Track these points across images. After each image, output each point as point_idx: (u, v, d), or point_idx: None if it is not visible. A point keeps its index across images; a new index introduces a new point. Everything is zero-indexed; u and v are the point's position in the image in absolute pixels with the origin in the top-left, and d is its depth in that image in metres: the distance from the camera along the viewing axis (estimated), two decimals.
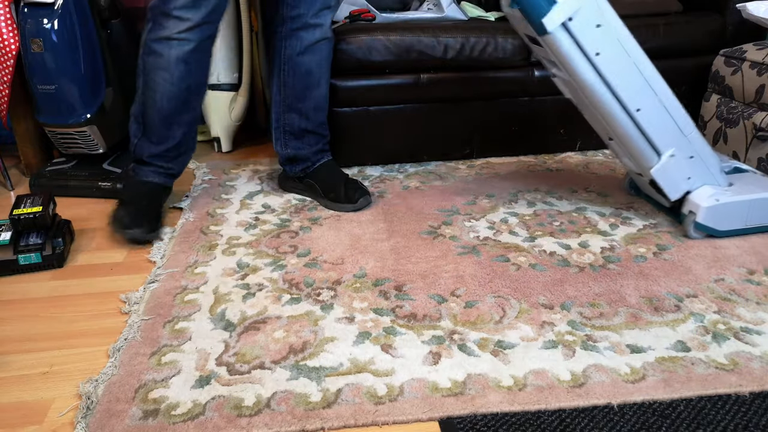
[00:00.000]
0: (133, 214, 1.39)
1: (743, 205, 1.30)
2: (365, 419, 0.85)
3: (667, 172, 1.32)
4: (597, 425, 0.84)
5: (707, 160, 1.32)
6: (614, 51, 1.20)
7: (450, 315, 1.09)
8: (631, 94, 1.24)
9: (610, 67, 1.21)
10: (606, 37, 1.19)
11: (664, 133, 1.29)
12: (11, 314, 1.15)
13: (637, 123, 1.27)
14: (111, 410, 0.88)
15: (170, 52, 1.34)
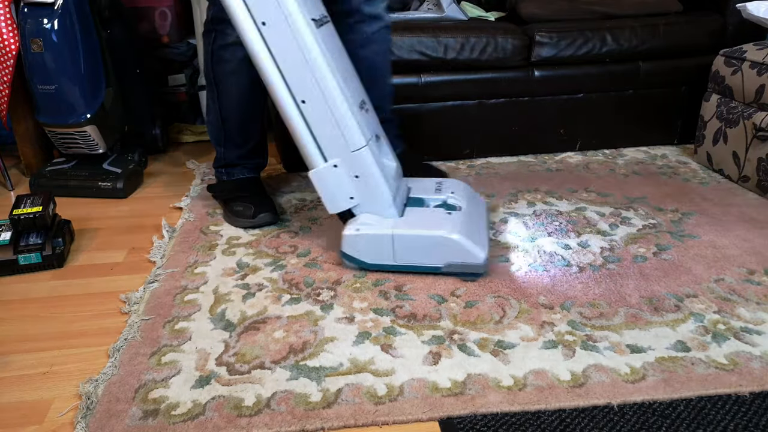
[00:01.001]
0: (252, 204, 1.46)
1: (387, 239, 1.17)
2: (365, 419, 0.85)
3: (326, 181, 1.21)
4: (597, 425, 0.84)
5: (379, 187, 1.19)
6: (281, 29, 1.11)
7: (450, 315, 1.09)
8: (297, 81, 1.14)
9: (277, 44, 1.13)
10: (273, 9, 1.10)
11: (331, 139, 1.18)
12: (11, 314, 1.15)
13: (303, 115, 1.17)
14: (111, 410, 0.88)
15: (235, 56, 1.40)
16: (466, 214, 1.25)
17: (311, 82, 1.14)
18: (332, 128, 1.17)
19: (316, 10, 1.19)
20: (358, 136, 1.18)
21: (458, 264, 1.17)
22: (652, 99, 1.89)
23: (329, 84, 1.14)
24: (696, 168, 1.77)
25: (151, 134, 2.00)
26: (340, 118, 1.16)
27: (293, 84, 1.16)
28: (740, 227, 1.39)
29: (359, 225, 1.21)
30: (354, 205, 1.23)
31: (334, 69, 1.15)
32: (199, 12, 1.99)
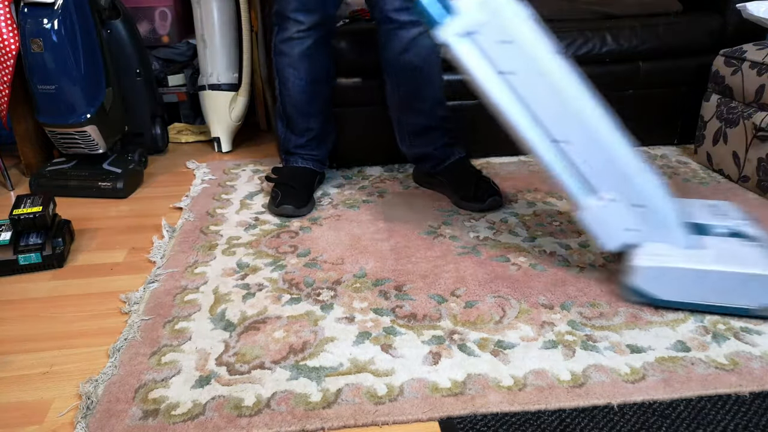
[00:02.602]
0: (284, 193, 1.51)
1: (691, 274, 1.05)
2: (365, 419, 0.85)
3: (602, 217, 1.13)
4: (597, 425, 0.84)
5: (665, 212, 1.10)
6: (531, 73, 1.08)
7: (450, 315, 1.09)
8: (557, 123, 1.10)
9: (526, 89, 1.09)
10: (520, 57, 1.07)
11: (604, 172, 1.11)
12: (11, 314, 1.15)
13: (567, 155, 1.12)
14: (111, 410, 0.88)
15: (293, 51, 1.50)
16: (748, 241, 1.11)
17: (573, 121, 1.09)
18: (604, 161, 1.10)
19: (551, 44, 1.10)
20: (631, 161, 1.10)
21: None
22: (652, 99, 1.89)
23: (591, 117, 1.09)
24: (696, 168, 1.77)
25: (151, 134, 2.00)
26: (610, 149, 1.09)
27: (552, 126, 1.11)
28: None
29: (653, 257, 1.08)
30: (635, 237, 1.12)
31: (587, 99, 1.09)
32: (199, 12, 1.99)
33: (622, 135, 1.10)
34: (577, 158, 1.11)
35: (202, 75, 2.06)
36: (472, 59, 1.10)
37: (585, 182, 1.13)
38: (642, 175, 1.10)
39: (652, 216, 1.10)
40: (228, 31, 2.01)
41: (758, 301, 1.04)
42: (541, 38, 1.08)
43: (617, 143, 1.09)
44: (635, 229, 1.12)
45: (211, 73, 2.02)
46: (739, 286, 1.04)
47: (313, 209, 1.55)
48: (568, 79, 1.08)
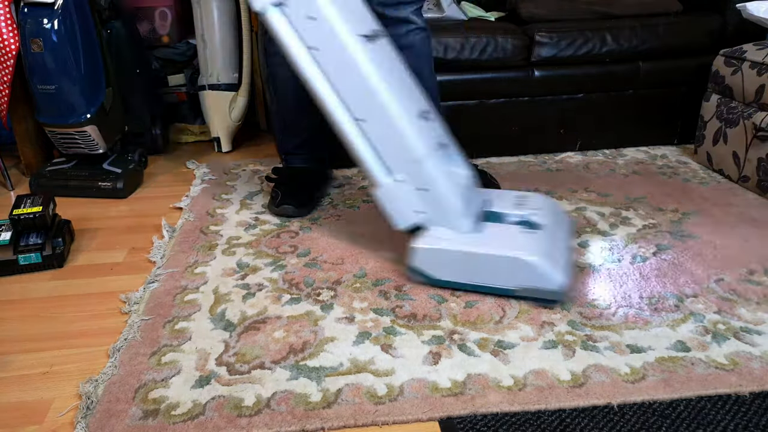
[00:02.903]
0: (284, 193, 1.51)
1: (458, 256, 1.12)
2: (365, 419, 0.85)
3: (392, 196, 1.18)
4: (597, 425, 0.84)
5: (448, 199, 1.15)
6: (333, 50, 1.12)
7: (450, 315, 1.09)
8: (355, 101, 1.14)
9: (330, 67, 1.13)
10: (320, 33, 1.11)
11: (394, 153, 1.16)
12: (11, 314, 1.15)
13: (365, 133, 1.16)
14: (111, 410, 0.88)
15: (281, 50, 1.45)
16: (549, 234, 1.17)
17: (369, 101, 1.13)
18: (394, 143, 1.15)
19: (366, 26, 1.17)
20: (421, 148, 1.14)
21: (534, 289, 1.09)
22: (652, 99, 1.89)
23: (384, 100, 1.13)
24: (696, 168, 1.77)
25: (151, 134, 2.00)
26: (399, 132, 1.14)
27: (351, 104, 1.15)
28: (740, 227, 1.39)
29: (429, 239, 1.15)
30: (423, 219, 1.18)
31: (388, 83, 1.14)
32: (199, 12, 1.99)
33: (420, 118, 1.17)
34: (373, 137, 1.17)
35: (202, 75, 2.06)
36: (283, 30, 1.14)
37: (381, 162, 1.18)
38: (428, 160, 1.15)
39: (435, 200, 1.16)
40: (228, 31, 2.01)
41: (517, 282, 1.10)
42: (347, 17, 1.12)
43: (407, 127, 1.14)
44: (422, 212, 1.18)
45: (211, 73, 2.02)
46: (500, 268, 1.10)
47: (313, 210, 1.55)
48: (367, 59, 1.12)
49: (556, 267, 1.08)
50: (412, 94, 1.22)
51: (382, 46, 1.19)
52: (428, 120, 1.21)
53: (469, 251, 1.12)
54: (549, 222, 1.19)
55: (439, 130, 1.24)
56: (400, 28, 1.44)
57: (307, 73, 1.15)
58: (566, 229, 1.27)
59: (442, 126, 1.27)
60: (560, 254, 1.14)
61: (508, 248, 1.10)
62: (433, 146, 1.17)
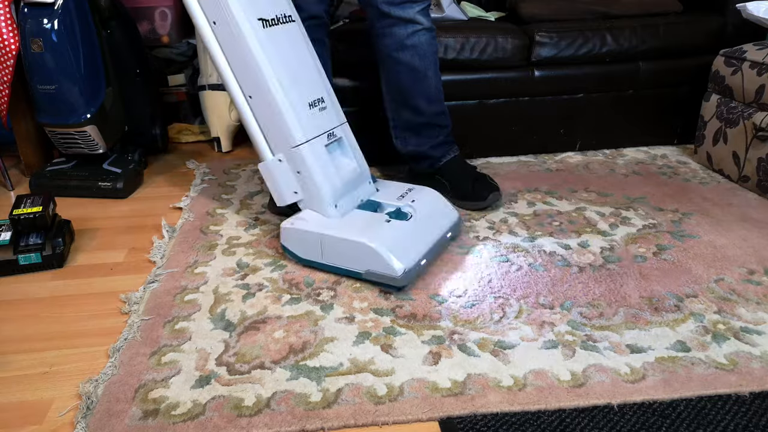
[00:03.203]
0: None
1: (315, 238, 1.20)
2: (365, 419, 0.85)
3: (272, 174, 1.28)
4: (597, 425, 0.84)
5: (318, 185, 1.24)
6: (227, 28, 1.19)
7: (450, 315, 1.09)
8: (243, 78, 1.22)
9: (225, 42, 1.21)
10: (218, 9, 1.19)
11: (274, 134, 1.25)
12: (11, 314, 1.15)
13: (252, 109, 1.24)
14: (111, 410, 0.88)
15: None
16: (412, 224, 1.24)
17: (254, 79, 1.21)
18: (274, 124, 1.23)
19: (270, 10, 1.24)
20: (298, 133, 1.23)
21: (377, 273, 1.15)
22: (652, 99, 1.89)
23: (268, 81, 1.20)
24: (696, 168, 1.77)
25: (151, 134, 2.00)
26: (279, 114, 1.22)
27: (241, 80, 1.23)
28: (740, 227, 1.39)
29: (295, 220, 1.25)
30: (298, 200, 1.28)
31: (276, 67, 1.21)
32: None
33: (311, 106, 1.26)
34: (258, 115, 1.25)
35: (202, 75, 2.06)
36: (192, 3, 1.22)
37: (265, 140, 1.26)
38: (305, 147, 1.23)
39: (308, 185, 1.25)
40: None
41: (365, 266, 1.16)
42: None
43: (289, 111, 1.22)
44: (297, 193, 1.27)
45: (211, 73, 2.02)
46: (349, 251, 1.17)
47: None
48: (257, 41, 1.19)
49: (398, 255, 1.14)
50: (311, 82, 1.29)
51: (285, 31, 1.27)
52: (322, 110, 1.29)
53: (324, 233, 1.19)
54: (421, 215, 1.26)
55: (333, 121, 1.32)
56: (405, 27, 1.44)
57: (208, 44, 1.23)
58: (442, 225, 1.30)
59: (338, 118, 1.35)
60: (416, 246, 1.19)
61: (358, 234, 1.17)
62: (317, 134, 1.26)
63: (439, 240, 1.27)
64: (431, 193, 1.35)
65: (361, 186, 1.33)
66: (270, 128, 1.25)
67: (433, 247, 1.24)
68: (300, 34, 1.32)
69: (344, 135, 1.34)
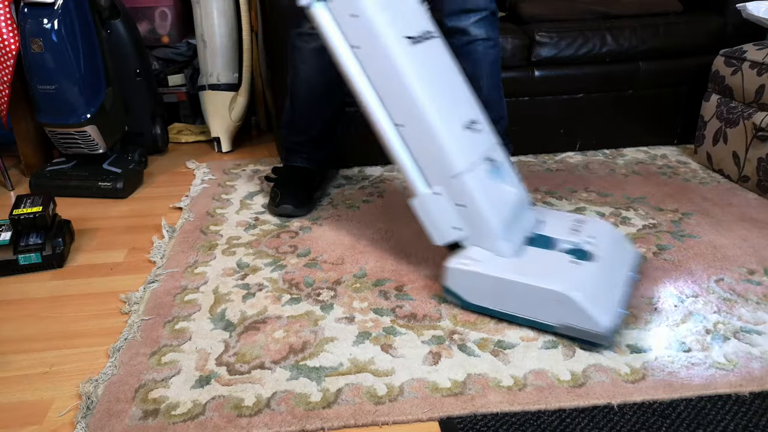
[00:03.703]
0: (283, 193, 1.51)
1: (492, 282, 1.03)
2: (365, 419, 0.85)
3: (428, 210, 1.11)
4: (597, 425, 0.84)
5: (485, 217, 1.06)
6: (371, 49, 1.06)
7: (450, 315, 1.09)
8: (393, 104, 1.08)
9: (370, 66, 1.08)
10: (362, 31, 1.06)
11: (431, 164, 1.09)
12: (11, 314, 1.15)
13: (403, 138, 1.10)
14: (111, 410, 0.88)
15: (305, 46, 1.47)
16: (601, 266, 1.05)
17: (406, 105, 1.07)
18: (430, 152, 1.08)
19: (414, 27, 1.11)
20: (458, 160, 1.07)
21: (576, 328, 0.98)
22: (652, 99, 1.89)
23: (422, 105, 1.06)
24: (696, 168, 1.77)
25: (151, 134, 2.00)
26: (436, 141, 1.06)
27: (390, 107, 1.09)
28: (740, 227, 1.39)
29: (465, 259, 1.07)
30: (461, 237, 1.10)
31: (429, 88, 1.07)
32: (199, 12, 1.99)
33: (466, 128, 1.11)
34: (411, 144, 1.10)
35: (202, 75, 2.06)
36: (326, 26, 1.09)
37: (419, 171, 1.11)
38: (467, 174, 1.06)
39: (473, 218, 1.07)
40: (228, 31, 2.01)
41: (556, 319, 0.99)
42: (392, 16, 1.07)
43: (447, 137, 1.06)
44: (460, 229, 1.10)
45: (211, 73, 2.02)
46: (537, 300, 0.99)
47: (313, 209, 1.55)
48: (408, 62, 1.06)
49: (602, 307, 0.97)
50: (462, 102, 1.15)
51: (430, 48, 1.13)
52: (476, 131, 1.13)
53: (504, 278, 1.02)
54: (605, 253, 1.08)
55: (488, 143, 1.16)
56: (459, 38, 1.44)
57: (348, 71, 1.10)
58: (626, 263, 1.13)
59: (492, 138, 1.18)
60: (611, 292, 1.03)
61: (549, 279, 1.00)
62: (476, 160, 1.09)
63: (629, 283, 1.10)
64: (606, 226, 1.17)
65: (524, 214, 1.16)
66: (424, 158, 1.09)
67: (625, 292, 1.06)
68: (444, 50, 1.19)
69: (499, 157, 1.18)
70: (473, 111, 1.16)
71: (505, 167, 1.17)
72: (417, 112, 1.06)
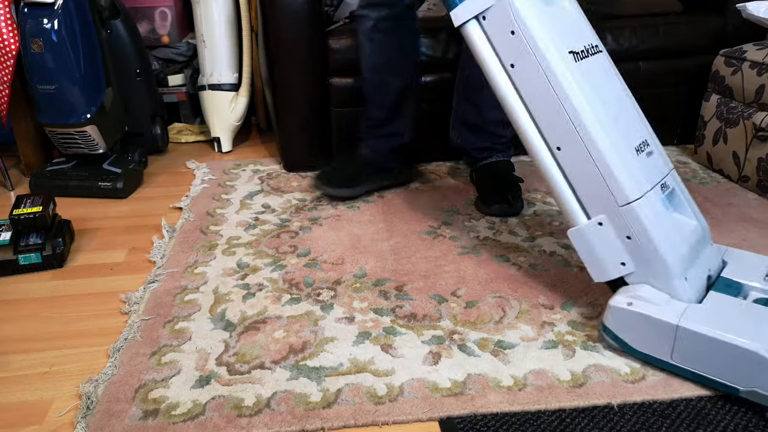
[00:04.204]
0: (332, 174, 1.57)
1: (668, 329, 0.89)
2: (365, 419, 0.85)
3: (588, 242, 0.99)
4: (597, 425, 0.84)
5: (659, 252, 0.93)
6: (531, 68, 0.97)
7: (450, 315, 1.09)
8: (550, 125, 0.98)
9: (525, 85, 0.99)
10: (520, 47, 0.97)
11: (593, 191, 0.97)
12: (11, 314, 1.15)
13: (559, 164, 1.00)
14: (111, 410, 0.88)
15: (360, 28, 1.51)
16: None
17: (566, 126, 0.96)
18: (595, 178, 0.96)
19: (579, 40, 1.01)
20: (630, 186, 0.94)
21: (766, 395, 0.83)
22: (652, 99, 1.89)
23: (587, 125, 0.95)
24: (696, 168, 1.77)
25: (151, 134, 2.00)
26: (603, 165, 0.94)
27: (545, 129, 0.99)
28: (740, 227, 1.39)
29: (633, 299, 0.94)
30: (627, 273, 0.97)
31: (595, 107, 0.96)
32: (199, 12, 1.99)
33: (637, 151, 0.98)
34: (569, 170, 0.99)
35: (202, 75, 2.06)
36: (480, 45, 1.02)
37: (577, 199, 1.00)
38: (639, 203, 0.94)
39: (643, 254, 0.94)
40: (228, 31, 2.01)
41: (747, 382, 0.84)
42: (553, 31, 0.97)
43: (614, 160, 0.94)
44: (626, 265, 0.97)
45: (211, 73, 2.02)
46: (724, 358, 0.85)
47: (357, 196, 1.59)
48: (572, 78, 0.96)
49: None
50: (632, 121, 1.03)
51: (595, 63, 1.03)
52: (649, 155, 1.01)
53: (686, 327, 0.87)
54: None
55: (662, 168, 1.02)
56: None
57: (502, 92, 1.02)
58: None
59: (668, 163, 1.05)
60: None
61: (742, 334, 0.84)
62: (648, 187, 0.96)
63: None
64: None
65: (704, 251, 1.01)
66: (587, 185, 0.97)
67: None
68: (610, 65, 1.07)
69: (676, 185, 1.03)
70: (644, 132, 1.03)
71: (681, 195, 1.04)
72: (581, 132, 0.95)
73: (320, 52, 1.71)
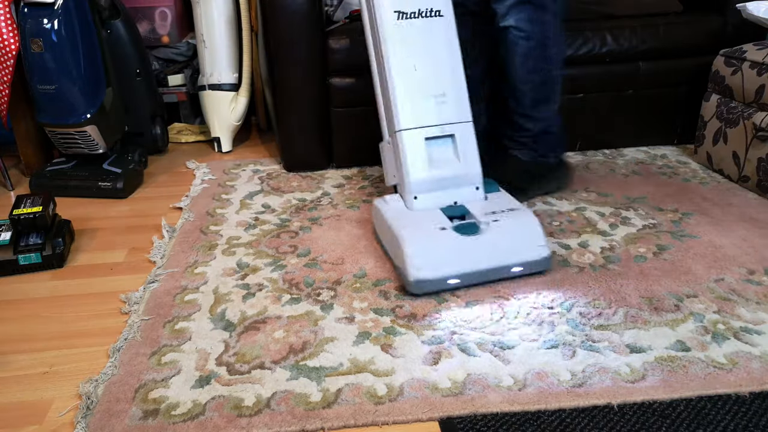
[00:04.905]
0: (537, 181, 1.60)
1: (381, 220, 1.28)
2: (365, 419, 0.85)
3: (382, 155, 1.34)
4: (597, 425, 0.84)
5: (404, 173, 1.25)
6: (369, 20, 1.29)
7: (450, 315, 1.09)
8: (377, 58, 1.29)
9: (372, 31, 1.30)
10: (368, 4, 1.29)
11: (388, 115, 1.29)
12: (11, 314, 1.15)
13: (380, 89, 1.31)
14: (111, 410, 0.88)
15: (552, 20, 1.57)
16: (471, 242, 1.15)
17: (382, 63, 1.27)
18: (389, 106, 1.27)
19: (413, 3, 1.27)
20: (405, 119, 1.26)
21: (400, 271, 1.16)
22: (652, 99, 1.89)
23: (390, 66, 1.26)
24: (696, 168, 1.77)
25: (151, 134, 2.00)
26: (393, 98, 1.26)
27: (376, 60, 1.30)
28: (740, 227, 1.39)
29: (381, 201, 1.31)
30: (395, 183, 1.32)
31: (399, 55, 1.26)
32: (199, 12, 1.99)
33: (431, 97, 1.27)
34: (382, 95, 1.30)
35: (202, 75, 2.06)
36: None
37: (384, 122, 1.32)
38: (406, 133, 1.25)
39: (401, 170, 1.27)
40: (228, 31, 2.01)
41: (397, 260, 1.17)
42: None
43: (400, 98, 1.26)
44: (396, 177, 1.30)
45: (211, 73, 2.02)
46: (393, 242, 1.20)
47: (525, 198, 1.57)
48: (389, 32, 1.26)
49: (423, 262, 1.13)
50: (433, 75, 1.29)
51: (424, 24, 1.28)
52: (440, 104, 1.29)
53: (387, 218, 1.24)
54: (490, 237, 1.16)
55: (447, 117, 1.29)
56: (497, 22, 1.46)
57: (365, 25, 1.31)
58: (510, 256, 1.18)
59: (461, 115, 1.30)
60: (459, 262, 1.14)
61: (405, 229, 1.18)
62: (421, 124, 1.27)
63: (496, 269, 1.17)
64: (525, 221, 1.21)
65: (460, 189, 1.28)
66: (386, 111, 1.30)
67: (483, 273, 1.16)
68: (442, 30, 1.30)
69: (458, 134, 1.29)
70: (447, 86, 1.30)
71: (459, 143, 1.29)
72: (387, 70, 1.26)
73: (320, 52, 1.71)
